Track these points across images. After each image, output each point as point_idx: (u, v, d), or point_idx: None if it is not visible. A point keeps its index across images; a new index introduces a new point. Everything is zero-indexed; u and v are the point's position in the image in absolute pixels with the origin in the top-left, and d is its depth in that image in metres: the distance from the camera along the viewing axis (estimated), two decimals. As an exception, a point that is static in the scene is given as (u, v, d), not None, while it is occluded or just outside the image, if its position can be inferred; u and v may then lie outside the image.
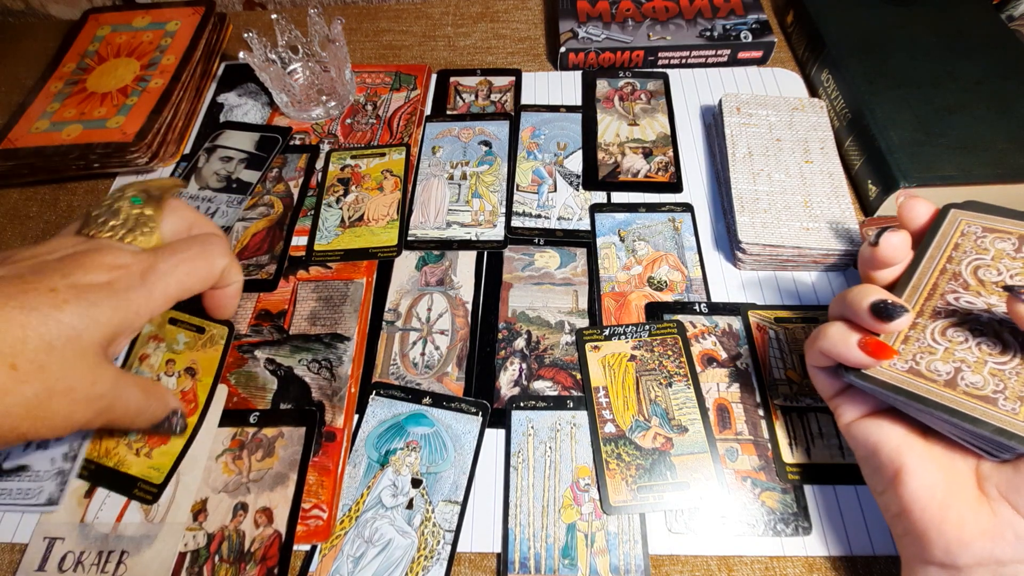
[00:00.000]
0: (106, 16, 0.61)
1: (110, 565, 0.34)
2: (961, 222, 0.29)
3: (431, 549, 0.33)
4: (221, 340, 0.41)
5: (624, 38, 0.55)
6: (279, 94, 0.51)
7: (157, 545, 0.34)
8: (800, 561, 0.33)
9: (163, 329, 0.41)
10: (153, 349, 0.41)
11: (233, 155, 0.51)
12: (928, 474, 0.25)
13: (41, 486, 0.36)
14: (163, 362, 0.40)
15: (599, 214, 0.46)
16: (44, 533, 0.35)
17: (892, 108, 0.45)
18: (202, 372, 0.40)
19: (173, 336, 0.41)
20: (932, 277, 0.28)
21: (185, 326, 0.41)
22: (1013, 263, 0.27)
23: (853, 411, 0.29)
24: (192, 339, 0.41)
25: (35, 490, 0.36)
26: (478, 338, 0.41)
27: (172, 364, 0.40)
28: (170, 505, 0.35)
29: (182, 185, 0.46)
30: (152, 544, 0.34)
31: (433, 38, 0.62)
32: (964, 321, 0.26)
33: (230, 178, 0.50)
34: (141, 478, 0.36)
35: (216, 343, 0.41)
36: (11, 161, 0.50)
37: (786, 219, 0.41)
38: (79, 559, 0.34)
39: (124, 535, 0.35)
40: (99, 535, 0.35)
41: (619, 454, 0.36)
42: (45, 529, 0.35)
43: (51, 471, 0.36)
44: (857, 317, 0.27)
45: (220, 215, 0.47)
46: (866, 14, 0.52)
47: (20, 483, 0.36)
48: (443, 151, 0.51)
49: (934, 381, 0.25)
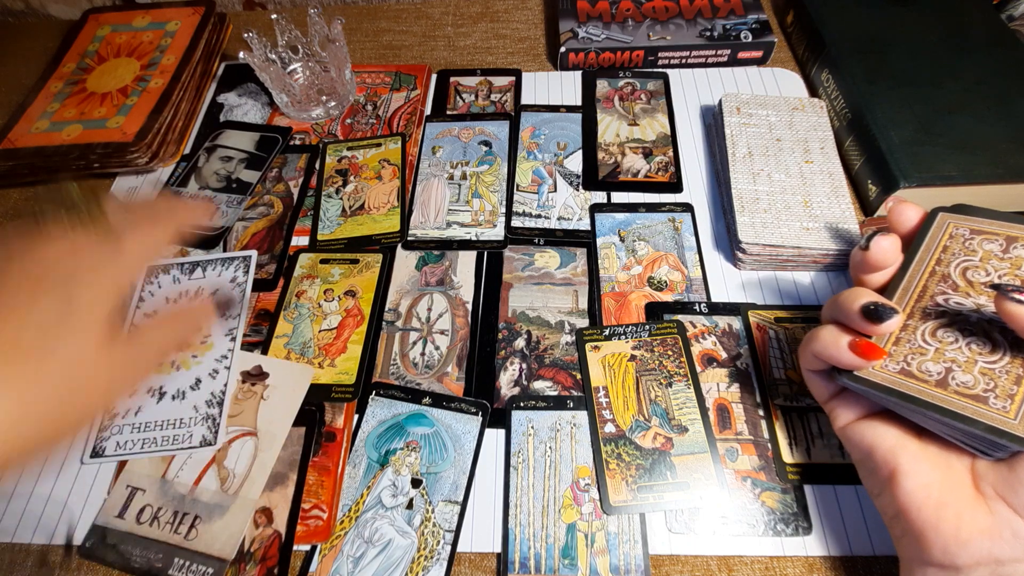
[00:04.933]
0: (106, 16, 0.61)
1: (183, 527, 0.35)
2: (949, 225, 0.30)
3: (431, 549, 0.33)
4: (376, 264, 0.44)
5: (624, 38, 0.55)
6: (279, 94, 0.51)
7: (227, 517, 0.35)
8: (800, 561, 0.33)
9: (315, 268, 0.44)
10: (308, 285, 0.44)
11: (233, 155, 0.51)
12: (923, 474, 0.26)
13: (191, 431, 0.37)
14: (320, 292, 0.43)
15: (599, 214, 0.46)
16: (127, 481, 0.36)
17: (892, 108, 0.45)
18: (363, 291, 0.43)
19: (327, 272, 0.44)
20: (922, 279, 0.28)
21: (338, 261, 0.45)
22: (1001, 263, 0.27)
23: (848, 414, 0.29)
24: (347, 269, 0.44)
25: (183, 436, 0.37)
26: (478, 338, 0.41)
27: (330, 292, 0.43)
28: (245, 479, 0.36)
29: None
30: (223, 515, 0.35)
31: (433, 38, 0.62)
32: (954, 322, 0.27)
33: (230, 178, 0.50)
34: (334, 384, 0.39)
35: (372, 267, 0.44)
36: (11, 161, 0.50)
37: (786, 219, 0.41)
38: (156, 514, 0.35)
39: (200, 500, 0.35)
40: (177, 494, 0.36)
41: (619, 454, 0.36)
42: (128, 478, 0.36)
43: (197, 416, 0.38)
44: (848, 319, 0.27)
45: (220, 215, 0.47)
46: (866, 14, 0.52)
47: (164, 432, 0.37)
48: (443, 151, 0.51)
49: (925, 381, 0.26)
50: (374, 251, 0.45)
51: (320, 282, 0.44)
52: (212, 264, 0.44)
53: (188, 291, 0.43)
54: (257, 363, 0.40)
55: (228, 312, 0.41)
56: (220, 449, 0.37)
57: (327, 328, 0.41)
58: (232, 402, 0.38)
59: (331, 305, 0.43)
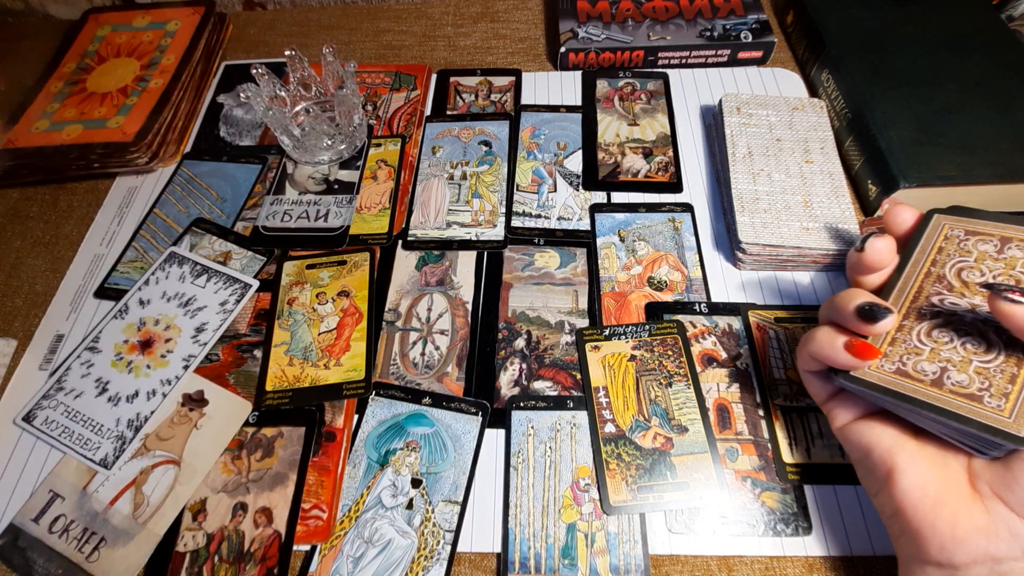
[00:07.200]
0: (106, 16, 0.61)
1: (87, 546, 0.34)
2: (944, 226, 0.30)
3: (431, 549, 0.33)
4: (365, 263, 0.44)
5: (624, 38, 0.55)
6: (282, 136, 0.48)
7: (130, 547, 0.34)
8: (800, 561, 0.33)
9: (302, 274, 0.44)
10: (299, 292, 0.43)
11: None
12: (920, 473, 0.26)
13: (100, 443, 0.37)
14: (312, 296, 0.43)
15: (599, 214, 0.46)
16: (51, 485, 0.36)
17: (892, 108, 0.45)
18: (356, 290, 0.43)
19: (315, 276, 0.44)
20: (917, 280, 0.29)
21: (325, 265, 0.44)
22: (996, 264, 0.28)
23: (845, 414, 0.29)
24: (336, 271, 0.44)
25: (93, 444, 0.37)
26: (478, 338, 0.41)
27: (323, 295, 0.43)
28: (156, 510, 0.35)
29: None
30: (127, 544, 0.34)
31: (433, 38, 0.62)
32: (949, 322, 0.27)
33: (328, 180, 0.50)
34: (344, 382, 0.39)
35: (361, 266, 0.44)
36: (11, 161, 0.50)
37: (786, 219, 0.41)
38: (67, 526, 0.35)
39: (110, 521, 0.35)
40: (92, 511, 0.35)
41: (619, 454, 0.36)
42: (53, 481, 0.36)
43: (113, 431, 0.37)
44: (843, 320, 0.28)
45: (334, 216, 0.47)
46: (866, 14, 0.52)
47: (83, 429, 0.37)
48: (443, 151, 0.51)
49: (921, 381, 0.26)
50: (360, 250, 0.45)
51: (310, 287, 0.44)
52: (219, 278, 0.44)
53: (184, 294, 0.43)
54: (201, 388, 0.39)
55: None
56: (143, 472, 0.36)
57: (326, 330, 0.41)
58: (166, 425, 0.38)
59: (326, 307, 0.42)
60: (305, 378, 0.39)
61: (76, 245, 0.48)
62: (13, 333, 0.44)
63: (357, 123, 0.50)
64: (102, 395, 0.39)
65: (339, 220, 0.47)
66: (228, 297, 0.43)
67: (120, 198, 0.51)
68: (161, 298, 0.43)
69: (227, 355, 0.41)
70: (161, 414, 0.38)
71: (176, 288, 0.44)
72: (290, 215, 0.47)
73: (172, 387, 0.39)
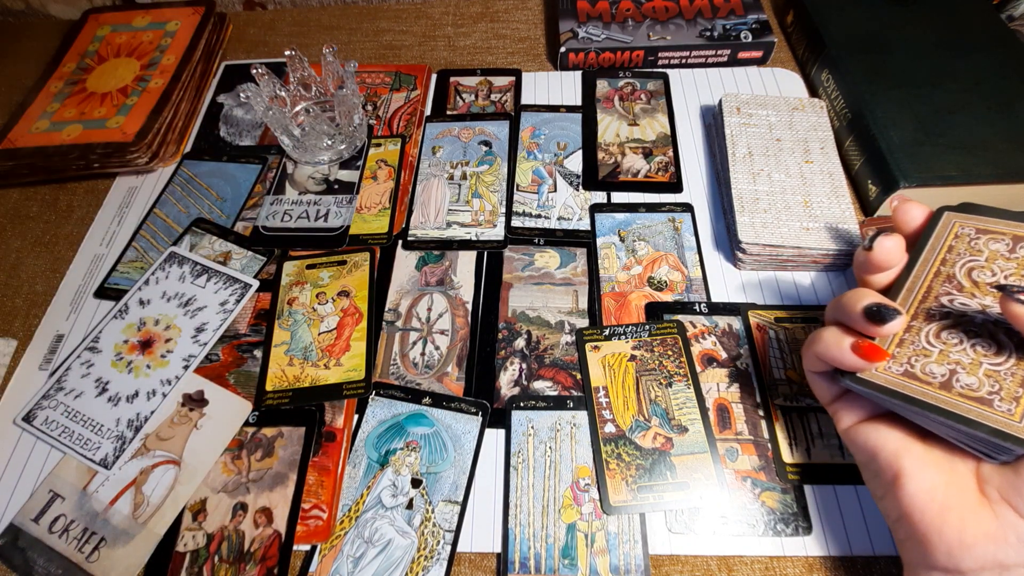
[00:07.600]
0: (106, 16, 0.61)
1: (87, 546, 0.34)
2: (955, 224, 0.29)
3: (431, 549, 0.33)
4: (365, 263, 0.44)
5: (624, 38, 0.55)
6: (282, 136, 0.48)
7: (130, 547, 0.34)
8: (800, 561, 0.33)
9: (302, 274, 0.44)
10: (299, 292, 0.43)
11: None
12: (927, 477, 0.25)
13: (100, 443, 0.37)
14: (312, 296, 0.43)
15: (599, 214, 0.46)
16: (51, 485, 0.36)
17: (892, 108, 0.45)
18: (356, 290, 0.43)
19: (315, 276, 0.44)
20: (926, 280, 0.28)
21: (325, 265, 0.44)
22: (1007, 264, 0.27)
23: (851, 416, 0.29)
24: (336, 271, 0.44)
25: (93, 443, 0.37)
26: (478, 338, 0.41)
27: (323, 295, 0.43)
28: (156, 510, 0.35)
29: None
30: (127, 544, 0.34)
31: (433, 38, 0.62)
32: (959, 323, 0.26)
33: (328, 180, 0.50)
34: (344, 382, 0.39)
35: (361, 266, 0.44)
36: (11, 161, 0.50)
37: (786, 219, 0.41)
38: (67, 526, 0.35)
39: (110, 521, 0.35)
40: (92, 511, 0.35)
41: (619, 454, 0.36)
42: (52, 481, 0.36)
43: (113, 431, 0.37)
44: (851, 321, 0.27)
45: (334, 216, 0.47)
46: (866, 14, 0.52)
47: (83, 429, 0.37)
48: (443, 151, 0.51)
49: (929, 384, 0.25)
50: (360, 250, 0.45)
51: (310, 287, 0.44)
52: (219, 278, 0.44)
53: (184, 294, 0.43)
54: (201, 388, 0.39)
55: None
56: (143, 472, 0.36)
57: (326, 330, 0.41)
58: (166, 425, 0.38)
59: (326, 307, 0.42)
60: (305, 378, 0.39)
61: (76, 245, 0.48)
62: (13, 333, 0.44)
63: (357, 123, 0.50)
64: (102, 395, 0.39)
65: (339, 220, 0.47)
66: (228, 297, 0.43)
67: (120, 198, 0.51)
68: (161, 298, 0.43)
69: (227, 355, 0.41)
70: (161, 414, 0.38)
71: (176, 288, 0.44)
72: (290, 215, 0.47)
73: (172, 387, 0.39)
